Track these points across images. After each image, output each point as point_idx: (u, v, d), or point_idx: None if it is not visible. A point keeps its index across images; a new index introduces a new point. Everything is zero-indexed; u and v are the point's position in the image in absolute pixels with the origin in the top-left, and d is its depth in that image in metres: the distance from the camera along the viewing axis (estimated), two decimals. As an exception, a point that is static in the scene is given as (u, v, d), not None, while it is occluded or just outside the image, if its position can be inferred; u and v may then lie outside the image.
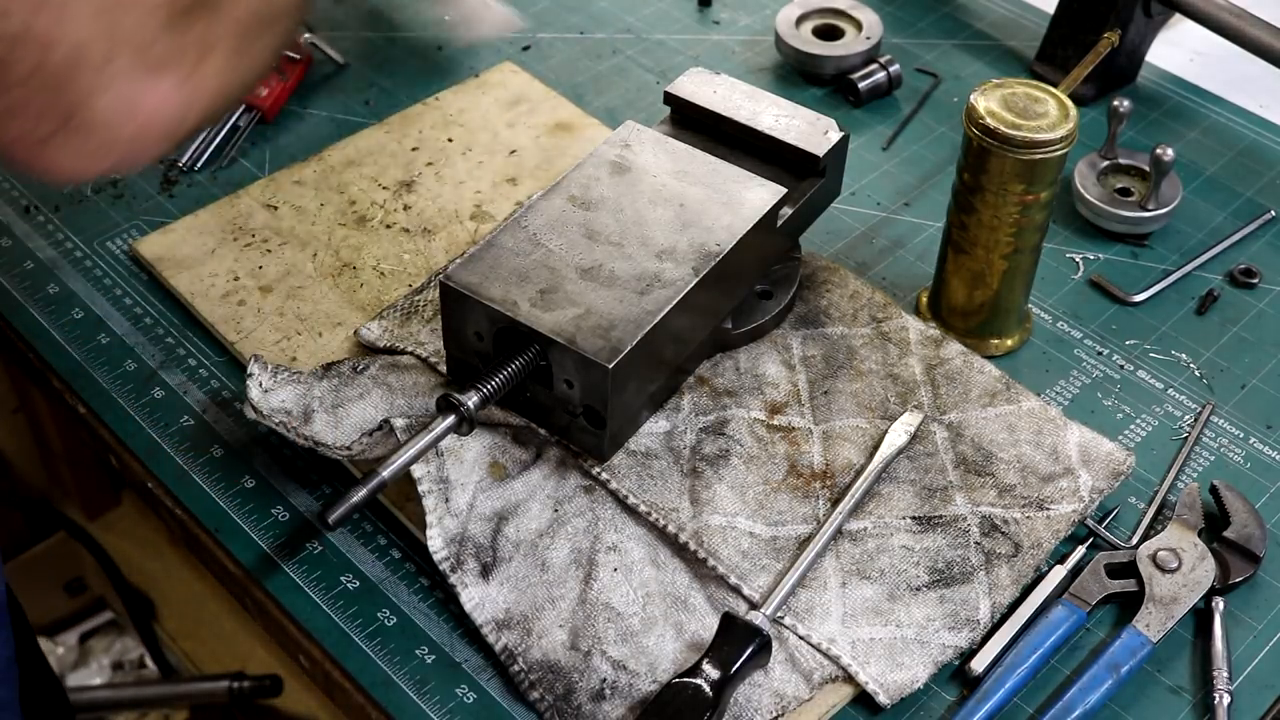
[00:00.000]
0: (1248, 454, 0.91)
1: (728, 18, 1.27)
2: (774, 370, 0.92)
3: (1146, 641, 0.79)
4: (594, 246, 0.85)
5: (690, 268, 0.85)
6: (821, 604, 0.81)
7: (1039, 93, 0.88)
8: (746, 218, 0.88)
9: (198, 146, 1.09)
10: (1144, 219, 1.04)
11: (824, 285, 0.98)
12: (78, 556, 1.50)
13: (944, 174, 1.10)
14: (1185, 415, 0.94)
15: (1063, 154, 0.87)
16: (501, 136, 1.10)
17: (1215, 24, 1.11)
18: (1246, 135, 1.16)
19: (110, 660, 1.61)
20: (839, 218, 1.06)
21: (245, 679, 1.34)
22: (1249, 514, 0.85)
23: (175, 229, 1.02)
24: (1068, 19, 1.18)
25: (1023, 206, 0.89)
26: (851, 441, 0.89)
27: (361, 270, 1.00)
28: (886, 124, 1.16)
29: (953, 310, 0.97)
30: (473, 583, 0.80)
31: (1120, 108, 1.05)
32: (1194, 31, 1.17)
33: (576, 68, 1.18)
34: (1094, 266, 1.04)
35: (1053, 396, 0.94)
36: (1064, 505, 0.85)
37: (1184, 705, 0.79)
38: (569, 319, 0.81)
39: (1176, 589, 0.82)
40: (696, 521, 0.83)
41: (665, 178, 0.90)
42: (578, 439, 0.85)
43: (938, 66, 1.22)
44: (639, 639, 0.78)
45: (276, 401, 0.87)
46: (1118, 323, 1.00)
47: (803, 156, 0.94)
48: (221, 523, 0.86)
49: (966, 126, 0.88)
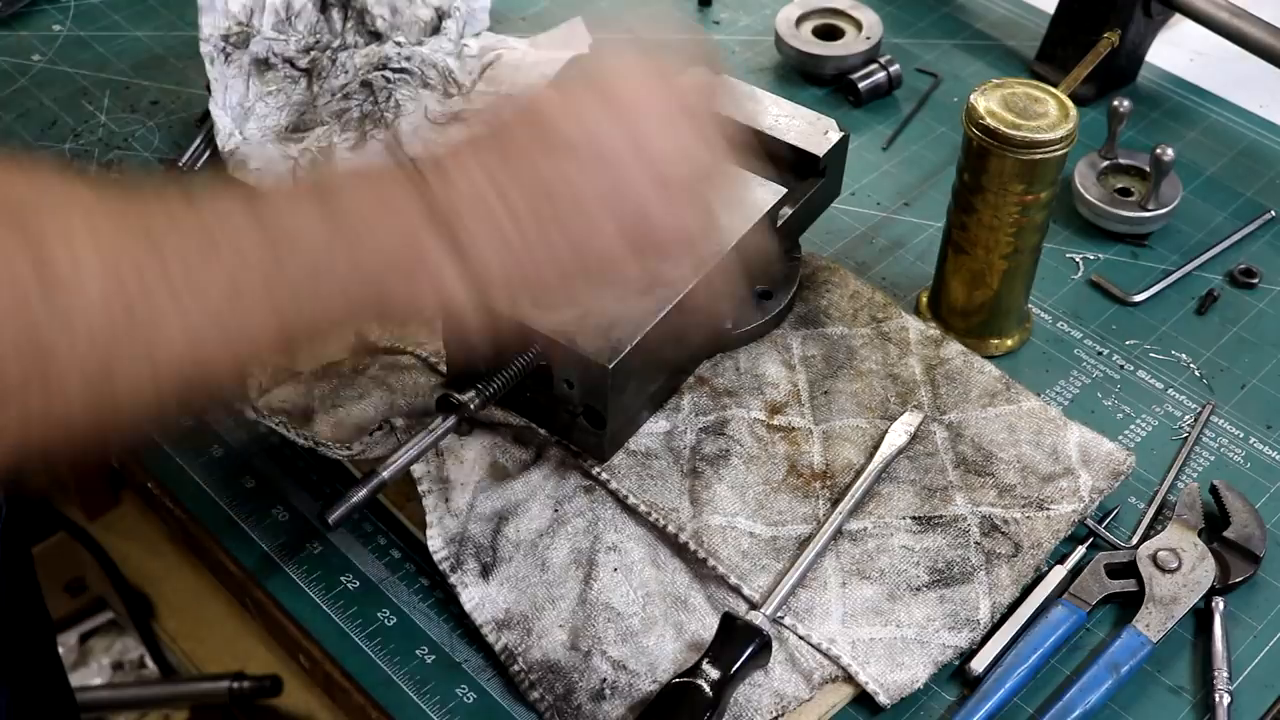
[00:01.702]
0: (1248, 454, 0.91)
1: (728, 18, 1.27)
2: (774, 370, 0.92)
3: (1146, 641, 0.79)
4: (594, 246, 0.85)
5: (690, 268, 0.84)
6: (821, 604, 0.81)
7: (1039, 93, 0.88)
8: (746, 218, 0.88)
9: (197, 146, 1.09)
10: (1144, 219, 1.04)
11: (824, 285, 0.98)
12: (78, 556, 1.50)
13: (944, 174, 1.10)
14: (1185, 415, 0.94)
15: (1063, 154, 0.87)
16: (501, 136, 1.10)
17: (1215, 24, 1.11)
18: (1246, 135, 1.16)
19: (110, 660, 1.61)
20: (839, 218, 1.06)
21: (245, 679, 1.34)
22: (1249, 514, 0.85)
23: (175, 229, 1.02)
24: (1068, 19, 1.18)
25: (1023, 206, 0.89)
26: (851, 441, 0.89)
27: (361, 270, 0.99)
28: (886, 124, 1.16)
29: (953, 310, 0.97)
30: (473, 583, 0.80)
31: (1120, 108, 1.05)
32: (1194, 31, 1.17)
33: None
34: (1094, 266, 1.04)
35: (1053, 396, 0.94)
36: (1064, 505, 0.85)
37: (1184, 705, 0.79)
38: (569, 319, 0.81)
39: (1176, 589, 0.82)
40: (696, 521, 0.83)
41: (665, 178, 0.90)
42: (578, 439, 0.85)
43: (938, 66, 1.22)
44: (639, 639, 0.78)
45: (276, 401, 0.87)
46: (1118, 323, 1.00)
47: (803, 156, 0.94)
48: (221, 523, 0.86)
49: (966, 126, 0.88)
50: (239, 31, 1.09)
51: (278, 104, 1.08)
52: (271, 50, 1.10)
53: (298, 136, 1.05)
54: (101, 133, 1.12)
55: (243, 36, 1.09)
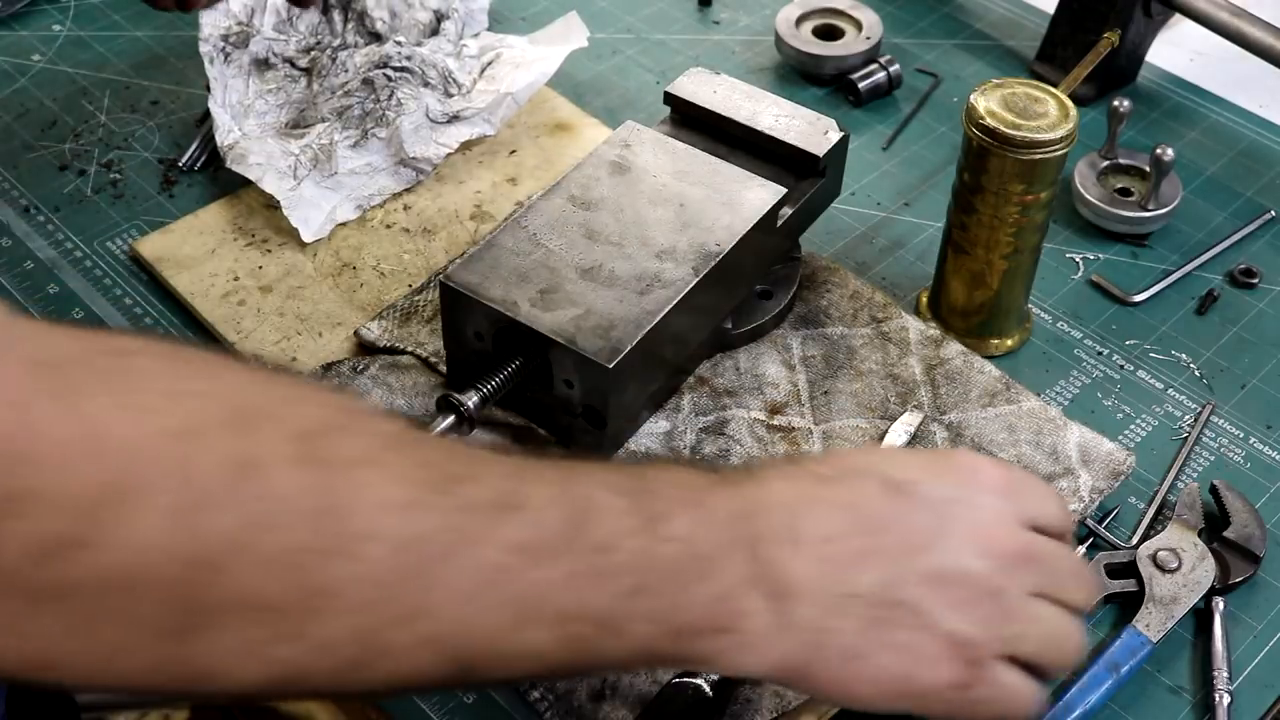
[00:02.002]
0: (1248, 454, 0.91)
1: (728, 18, 1.27)
2: (774, 370, 0.92)
3: (1146, 641, 0.79)
4: (594, 246, 0.85)
5: (690, 268, 0.85)
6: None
7: (1039, 93, 0.88)
8: (746, 218, 0.88)
9: (198, 146, 1.09)
10: (1144, 219, 1.04)
11: (824, 285, 0.98)
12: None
13: (944, 174, 1.10)
14: (1185, 415, 0.94)
15: (1063, 154, 0.87)
16: (501, 136, 1.10)
17: (1215, 24, 1.11)
18: (1246, 135, 1.16)
19: (110, 660, 1.61)
20: (839, 218, 1.06)
21: (245, 679, 1.34)
22: (1249, 514, 0.85)
23: (175, 229, 1.02)
24: (1068, 19, 1.18)
25: (1023, 206, 0.89)
26: (851, 441, 0.89)
27: (361, 270, 1.00)
28: (886, 124, 1.16)
29: (953, 310, 0.97)
30: (473, 583, 0.80)
31: (1120, 108, 1.05)
32: (1194, 31, 1.17)
33: (576, 68, 1.17)
34: (1094, 266, 1.04)
35: (1053, 396, 0.94)
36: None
37: (1184, 705, 0.79)
38: (569, 319, 0.81)
39: (1176, 589, 0.82)
40: (696, 521, 0.83)
41: (665, 178, 0.90)
42: (578, 439, 0.85)
43: (938, 66, 1.22)
44: (639, 639, 0.78)
45: (276, 401, 0.87)
46: (1118, 323, 1.00)
47: (803, 156, 0.94)
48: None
49: (966, 126, 0.88)
50: (239, 31, 1.09)
51: (277, 101, 1.08)
52: (271, 50, 1.10)
53: (298, 133, 1.05)
54: (101, 133, 1.12)
55: (243, 36, 1.09)
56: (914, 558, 0.60)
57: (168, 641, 0.48)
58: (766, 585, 0.58)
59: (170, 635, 0.48)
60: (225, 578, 0.48)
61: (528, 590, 0.53)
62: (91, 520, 0.46)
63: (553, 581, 0.54)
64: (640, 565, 0.55)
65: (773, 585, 0.58)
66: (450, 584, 0.52)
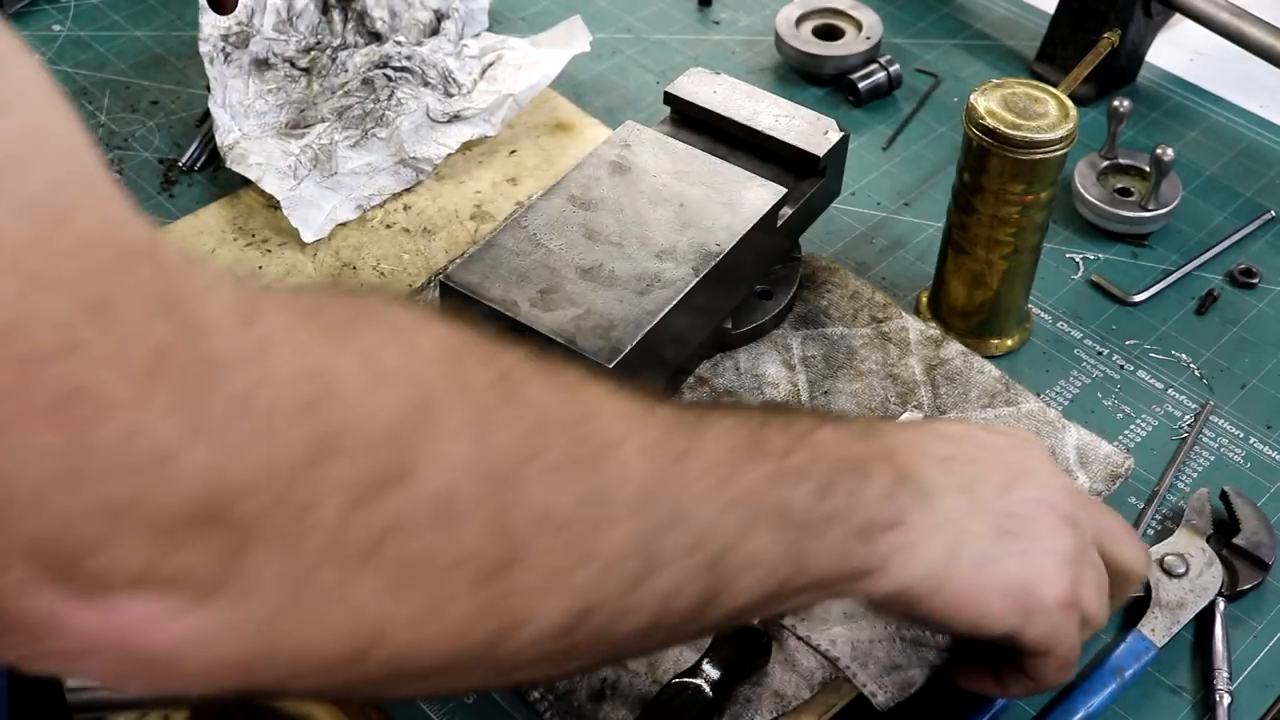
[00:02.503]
0: (1248, 454, 0.91)
1: (728, 18, 1.27)
2: (774, 370, 0.92)
3: (1151, 646, 0.79)
4: (594, 246, 0.85)
5: (690, 268, 0.85)
6: (822, 605, 0.80)
7: (1039, 93, 0.88)
8: (746, 218, 0.88)
9: (198, 146, 1.09)
10: (1144, 219, 1.04)
11: (824, 285, 0.98)
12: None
13: (944, 174, 1.10)
14: (1185, 415, 0.94)
15: (1063, 154, 0.87)
16: (501, 136, 1.10)
17: (1215, 24, 1.11)
18: (1246, 135, 1.16)
19: (110, 660, 1.61)
20: (839, 218, 1.06)
21: (245, 679, 1.33)
22: (1259, 521, 0.85)
23: (175, 229, 1.02)
24: (1068, 19, 1.18)
25: (1023, 206, 0.89)
26: (851, 442, 0.89)
27: (361, 270, 1.00)
28: (886, 124, 1.16)
29: (953, 310, 0.97)
30: (473, 583, 0.80)
31: (1120, 108, 1.05)
32: (1194, 31, 1.17)
33: (576, 68, 1.17)
34: (1094, 266, 1.04)
35: (1053, 396, 0.94)
36: (1064, 505, 0.85)
37: (1184, 705, 0.79)
38: (569, 319, 0.81)
39: (1183, 594, 0.81)
40: (696, 522, 0.83)
41: (665, 178, 0.90)
42: (578, 439, 0.85)
43: (938, 66, 1.22)
44: (639, 639, 0.78)
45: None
46: (1118, 323, 1.00)
47: (803, 156, 0.94)
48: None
49: (966, 126, 0.88)
50: (239, 31, 1.09)
51: (277, 101, 1.08)
52: (271, 50, 1.10)
53: (298, 133, 1.05)
54: (101, 133, 1.12)
55: (243, 36, 1.09)
56: (1017, 480, 0.66)
57: (483, 585, 0.47)
58: (913, 485, 0.61)
59: (486, 575, 0.47)
60: (523, 494, 0.47)
61: (747, 489, 0.55)
62: (404, 447, 0.45)
63: (759, 480, 0.56)
64: (815, 469, 0.58)
65: (917, 486, 0.61)
66: (690, 484, 0.53)
